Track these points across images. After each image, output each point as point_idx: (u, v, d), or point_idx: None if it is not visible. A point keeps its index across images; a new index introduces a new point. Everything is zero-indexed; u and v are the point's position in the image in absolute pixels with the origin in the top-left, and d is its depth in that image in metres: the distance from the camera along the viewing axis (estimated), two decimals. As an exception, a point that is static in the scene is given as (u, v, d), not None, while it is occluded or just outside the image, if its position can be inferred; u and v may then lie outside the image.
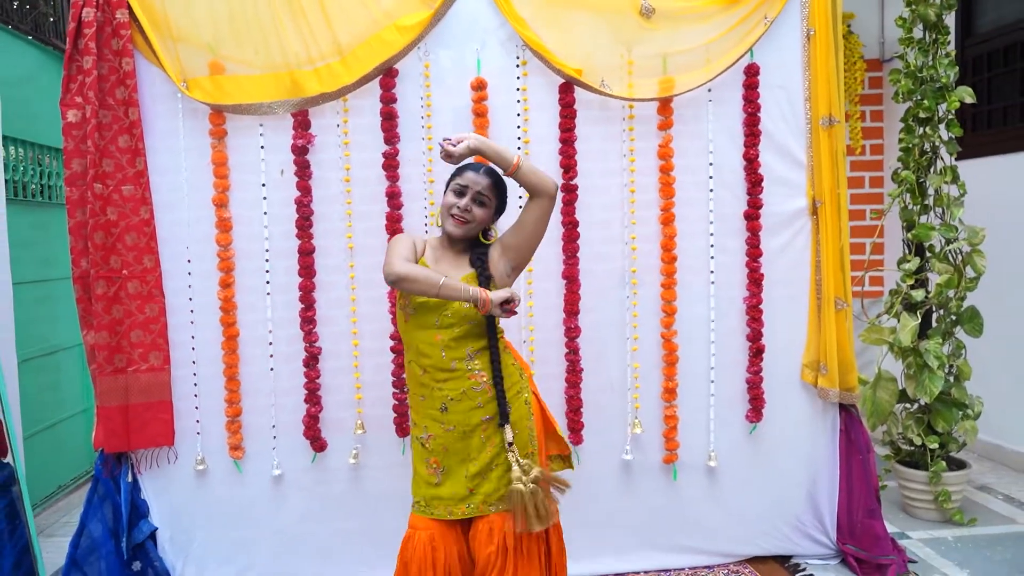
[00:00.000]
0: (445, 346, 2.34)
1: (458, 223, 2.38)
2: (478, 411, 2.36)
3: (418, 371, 2.39)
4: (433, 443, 2.38)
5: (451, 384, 2.35)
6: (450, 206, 2.38)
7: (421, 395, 2.40)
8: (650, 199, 3.16)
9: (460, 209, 2.37)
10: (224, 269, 3.05)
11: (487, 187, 2.39)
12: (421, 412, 2.42)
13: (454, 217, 2.38)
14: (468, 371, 2.36)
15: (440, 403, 2.36)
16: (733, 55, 3.09)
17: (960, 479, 3.69)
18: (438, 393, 2.36)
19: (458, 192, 2.39)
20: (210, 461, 3.12)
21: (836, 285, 3.17)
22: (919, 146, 3.67)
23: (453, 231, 2.39)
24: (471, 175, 2.39)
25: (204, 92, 2.98)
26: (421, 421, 2.42)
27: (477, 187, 2.38)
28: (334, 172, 3.08)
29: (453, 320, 2.35)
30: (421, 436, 2.41)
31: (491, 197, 2.41)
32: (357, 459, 3.15)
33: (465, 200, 2.37)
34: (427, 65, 3.06)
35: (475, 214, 2.38)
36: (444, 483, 2.38)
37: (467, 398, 2.36)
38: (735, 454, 3.25)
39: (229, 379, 3.08)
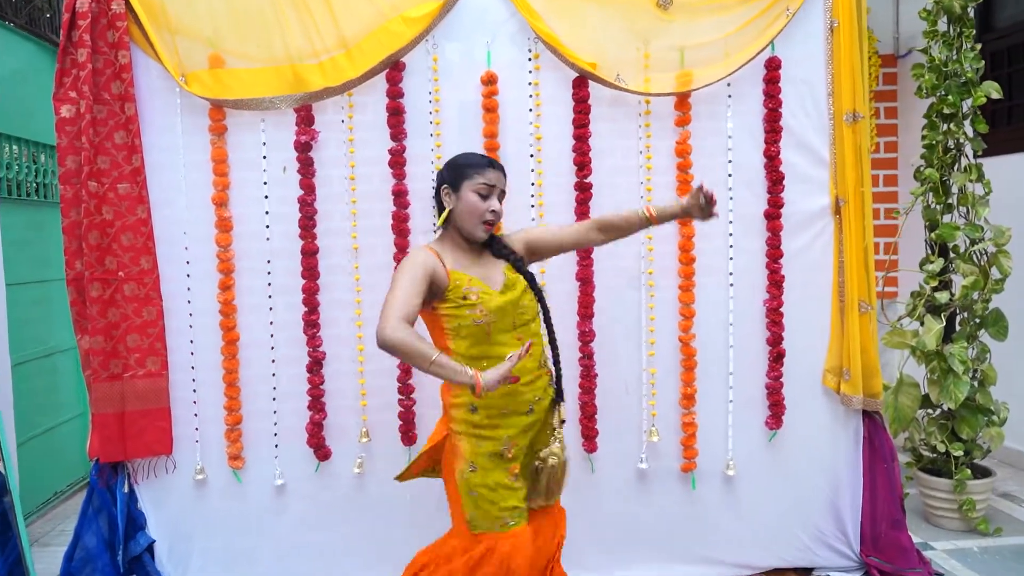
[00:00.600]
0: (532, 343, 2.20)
1: (488, 228, 2.27)
2: (552, 405, 2.37)
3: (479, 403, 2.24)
4: (516, 451, 2.27)
5: (538, 382, 2.29)
6: (481, 212, 2.23)
7: (503, 408, 2.23)
8: (667, 197, 3.03)
9: (494, 214, 2.25)
10: (224, 271, 2.94)
11: (505, 182, 2.33)
12: (502, 424, 2.24)
13: (487, 224, 2.25)
14: (544, 364, 2.34)
15: (528, 406, 2.27)
16: (753, 48, 2.97)
17: (985, 487, 3.58)
18: (526, 396, 2.26)
19: (484, 194, 2.25)
20: (209, 471, 3.01)
21: (860, 287, 3.05)
22: (943, 143, 3.55)
23: (482, 236, 2.27)
24: (493, 173, 2.27)
25: (203, 86, 2.87)
26: (501, 433, 2.24)
27: (501, 184, 2.29)
28: (338, 170, 2.97)
29: (528, 316, 2.28)
30: (500, 449, 2.24)
31: (505, 191, 2.34)
32: (362, 468, 3.04)
33: (495, 202, 2.26)
34: (435, 59, 2.95)
35: (500, 213, 2.29)
36: (522, 485, 2.31)
37: (545, 395, 2.33)
38: (754, 462, 3.14)
39: (229, 385, 2.97)
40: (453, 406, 2.28)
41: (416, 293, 2.10)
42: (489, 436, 2.24)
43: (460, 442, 2.26)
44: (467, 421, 2.25)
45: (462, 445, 2.26)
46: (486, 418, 2.24)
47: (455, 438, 2.28)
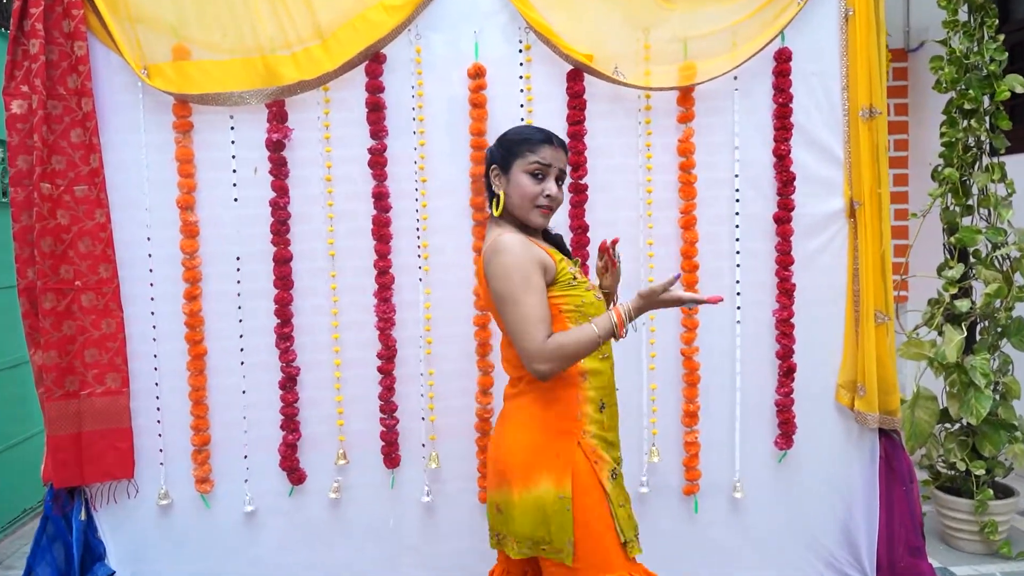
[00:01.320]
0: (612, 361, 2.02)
1: (546, 214, 1.96)
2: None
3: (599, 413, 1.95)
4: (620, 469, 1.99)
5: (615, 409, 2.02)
6: (533, 195, 1.92)
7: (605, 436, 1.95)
8: (668, 199, 2.84)
9: (550, 199, 1.95)
10: (190, 279, 2.73)
11: (565, 160, 1.99)
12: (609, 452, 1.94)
13: (541, 208, 1.94)
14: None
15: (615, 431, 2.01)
16: (762, 39, 2.76)
17: (1008, 508, 3.36)
18: (614, 421, 2.00)
19: (538, 174, 1.93)
20: (174, 495, 2.80)
21: (876, 296, 2.84)
22: (963, 140, 3.33)
23: (541, 223, 1.97)
24: (549, 150, 1.94)
25: (167, 80, 2.66)
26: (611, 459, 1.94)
27: (559, 164, 1.96)
28: (314, 170, 2.76)
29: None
30: (613, 470, 1.93)
31: (567, 172, 2.03)
32: (339, 492, 2.83)
33: (551, 184, 1.94)
34: (418, 50, 2.74)
35: (559, 198, 1.97)
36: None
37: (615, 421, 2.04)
38: (763, 484, 2.94)
39: (196, 403, 2.76)
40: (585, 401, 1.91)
41: (543, 297, 1.84)
42: (613, 440, 1.98)
43: (599, 449, 1.91)
44: (599, 422, 1.93)
45: (601, 451, 1.91)
46: (609, 417, 1.97)
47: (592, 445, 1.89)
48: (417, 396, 2.83)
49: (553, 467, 1.86)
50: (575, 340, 1.80)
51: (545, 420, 1.91)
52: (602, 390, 1.96)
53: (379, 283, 2.77)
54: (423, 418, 2.83)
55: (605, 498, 1.87)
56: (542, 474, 1.86)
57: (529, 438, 1.91)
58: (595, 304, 1.95)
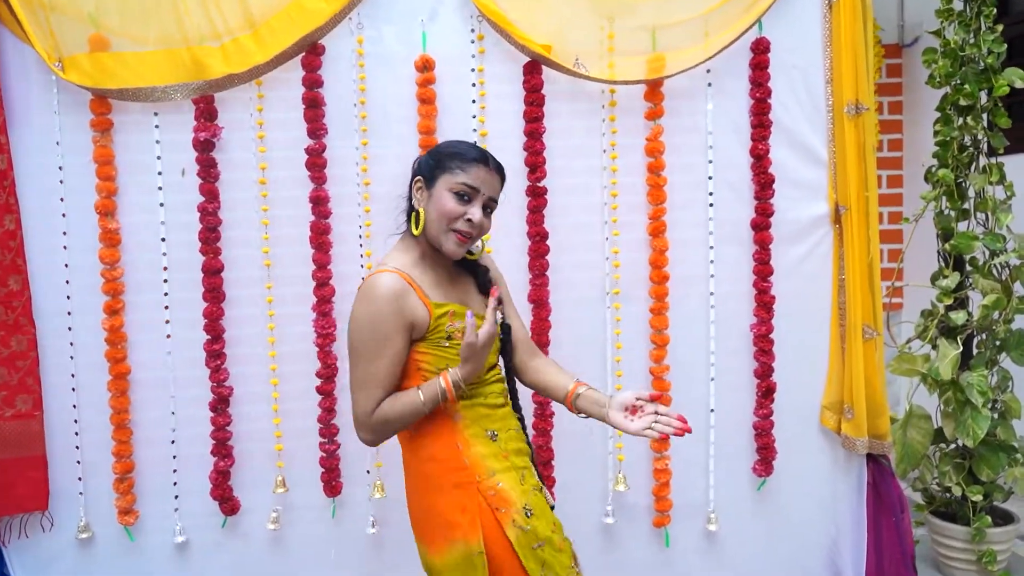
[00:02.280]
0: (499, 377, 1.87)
1: (462, 241, 1.73)
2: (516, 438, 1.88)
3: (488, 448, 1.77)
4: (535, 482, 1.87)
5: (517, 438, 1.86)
6: (452, 216, 1.71)
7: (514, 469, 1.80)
8: (636, 203, 2.64)
9: (471, 224, 1.72)
10: (110, 291, 2.50)
11: (499, 187, 1.78)
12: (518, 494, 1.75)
13: (458, 233, 1.72)
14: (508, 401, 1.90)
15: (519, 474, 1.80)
16: (737, 28, 2.57)
17: (1007, 536, 3.13)
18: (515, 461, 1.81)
19: (464, 196, 1.71)
20: (96, 528, 2.58)
21: (864, 309, 2.67)
22: (958, 139, 3.11)
23: (455, 251, 1.73)
24: (482, 171, 1.73)
25: (83, 73, 2.44)
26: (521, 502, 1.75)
27: (490, 190, 1.75)
28: (247, 173, 2.54)
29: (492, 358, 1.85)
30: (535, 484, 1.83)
31: (498, 201, 1.80)
32: (278, 523, 2.61)
33: (475, 210, 1.72)
34: (360, 41, 2.52)
35: (484, 228, 1.76)
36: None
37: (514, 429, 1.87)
38: (740, 514, 2.76)
39: (118, 427, 2.54)
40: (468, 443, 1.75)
41: (392, 363, 1.69)
42: (522, 464, 1.81)
43: (503, 487, 1.73)
44: (496, 455, 1.76)
45: (507, 489, 1.73)
46: (508, 440, 1.81)
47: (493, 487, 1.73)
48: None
49: (461, 524, 1.70)
50: (398, 414, 1.69)
51: (432, 478, 1.75)
52: (485, 418, 1.78)
53: (318, 295, 2.55)
54: (368, 443, 2.61)
55: (511, 548, 1.70)
56: (455, 533, 1.70)
57: (429, 501, 1.76)
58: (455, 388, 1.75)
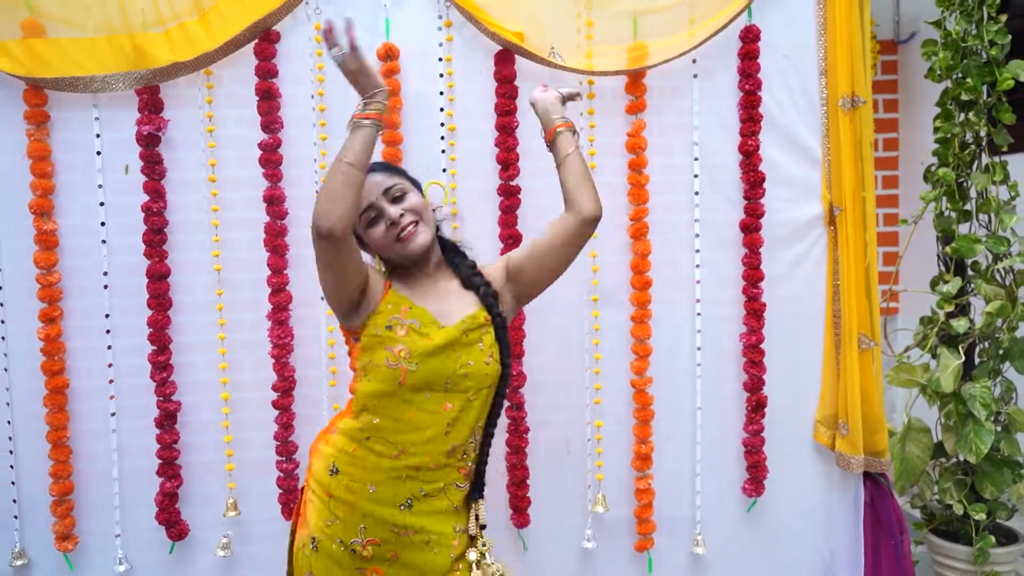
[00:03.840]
0: (454, 420, 1.71)
1: (408, 236, 1.72)
2: (452, 517, 1.77)
3: (386, 451, 1.70)
4: (376, 551, 1.71)
5: (434, 475, 1.73)
6: (382, 237, 1.73)
7: (373, 483, 1.71)
8: (616, 204, 2.48)
9: (394, 223, 1.71)
10: (47, 298, 2.34)
11: (384, 178, 1.75)
12: (361, 508, 1.71)
13: (401, 239, 1.72)
14: (462, 458, 1.76)
15: (405, 498, 1.71)
16: (725, 15, 2.43)
17: (1012, 556, 2.98)
18: (407, 485, 1.71)
19: (373, 219, 1.73)
20: (32, 554, 2.42)
21: (860, 317, 2.52)
22: (960, 136, 2.95)
23: (414, 248, 1.73)
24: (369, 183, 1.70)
25: (15, 62, 2.28)
26: (356, 520, 1.71)
27: (379, 189, 1.73)
28: (194, 171, 2.40)
29: (472, 383, 1.73)
30: (353, 540, 1.71)
31: (400, 181, 1.77)
32: (229, 550, 2.44)
33: (388, 209, 1.72)
34: (318, 27, 2.36)
35: (411, 207, 1.74)
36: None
37: (445, 495, 1.75)
38: (729, 537, 2.62)
39: (55, 445, 2.37)
40: (315, 453, 1.81)
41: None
42: (341, 516, 1.72)
43: (309, 506, 1.77)
44: (321, 483, 1.75)
45: (310, 511, 1.77)
46: (345, 488, 1.72)
47: (306, 496, 1.81)
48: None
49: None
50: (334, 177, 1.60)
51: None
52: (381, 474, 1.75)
53: (273, 302, 2.38)
54: (329, 461, 2.43)
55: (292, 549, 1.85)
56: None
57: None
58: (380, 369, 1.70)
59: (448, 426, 1.70)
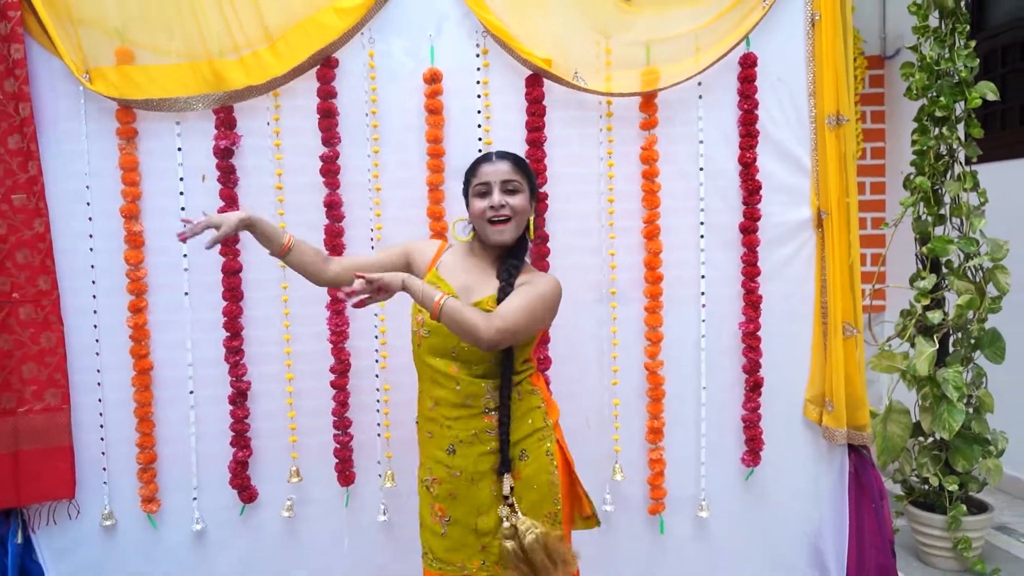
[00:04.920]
0: (460, 380, 2.01)
1: (500, 226, 2.00)
2: (489, 457, 2.03)
3: (428, 403, 2.07)
4: (438, 488, 2.06)
5: (462, 424, 2.02)
6: (481, 211, 2.01)
7: (429, 431, 2.07)
8: (631, 209, 2.76)
9: (495, 209, 1.99)
10: (135, 291, 2.63)
11: (510, 170, 2.03)
12: (427, 452, 2.10)
13: (493, 223, 2.00)
14: (484, 411, 2.02)
15: (448, 444, 2.04)
16: (727, 43, 2.70)
17: (982, 524, 3.29)
18: (447, 432, 2.03)
19: (482, 192, 2.02)
20: (119, 516, 2.70)
21: (844, 308, 2.78)
22: (934, 148, 3.27)
23: (500, 239, 2.02)
24: (486, 167, 2.04)
25: (110, 85, 2.57)
26: (427, 462, 2.10)
27: (500, 176, 2.01)
28: (263, 178, 2.67)
29: (472, 355, 1.99)
30: (426, 479, 2.10)
31: (520, 180, 2.03)
32: (292, 512, 2.73)
33: (496, 196, 2.00)
34: (372, 55, 2.66)
35: (513, 205, 2.00)
36: (450, 535, 2.05)
37: (479, 441, 2.02)
38: (730, 502, 2.87)
39: (141, 419, 2.66)
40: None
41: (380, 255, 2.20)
42: (421, 460, 2.13)
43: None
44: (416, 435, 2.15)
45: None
46: (421, 437, 2.13)
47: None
48: (372, 411, 2.74)
49: None
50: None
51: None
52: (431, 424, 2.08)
53: (331, 295, 2.67)
54: (379, 434, 2.74)
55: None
56: None
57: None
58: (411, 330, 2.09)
59: (456, 384, 2.00)
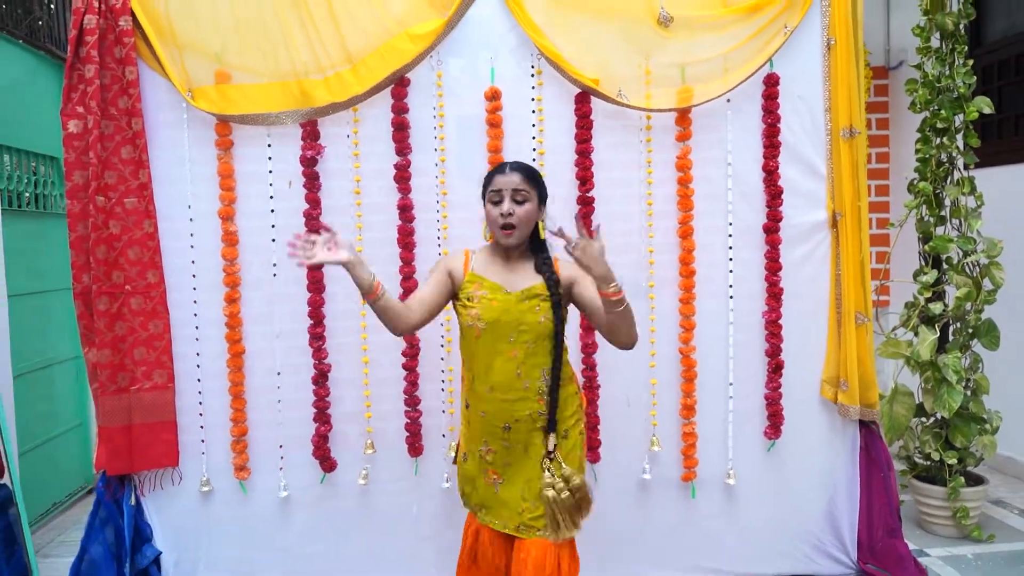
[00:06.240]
0: (521, 363, 2.26)
1: (508, 232, 2.27)
2: (538, 433, 2.31)
3: (483, 389, 2.30)
4: (494, 457, 2.34)
5: (521, 405, 2.28)
6: (494, 219, 2.28)
7: (483, 411, 2.32)
8: (668, 211, 3.08)
9: (504, 216, 2.26)
10: (230, 284, 2.96)
11: (520, 181, 2.27)
12: (483, 428, 2.33)
13: (502, 228, 2.28)
14: (539, 393, 2.29)
15: (504, 422, 2.29)
16: (753, 65, 3.02)
17: (978, 495, 3.63)
18: (505, 413, 2.29)
19: (495, 200, 2.28)
20: (215, 482, 3.03)
21: (856, 299, 3.10)
22: (936, 157, 3.61)
23: (507, 242, 2.29)
24: (500, 178, 2.29)
25: (210, 102, 2.90)
26: (482, 436, 2.34)
27: (511, 186, 2.27)
28: (343, 183, 3.00)
29: (529, 336, 2.25)
30: (480, 449, 2.35)
31: (529, 190, 2.28)
32: (367, 479, 3.06)
33: (505, 204, 2.26)
34: (439, 74, 2.98)
35: (519, 214, 2.26)
36: (502, 492, 2.33)
37: (532, 420, 2.30)
38: (753, 471, 3.18)
39: (235, 397, 3.00)
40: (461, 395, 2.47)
41: (431, 286, 2.33)
42: (472, 434, 2.38)
43: (462, 432, 2.46)
44: (463, 415, 2.43)
45: (462, 436, 2.45)
46: (472, 416, 2.37)
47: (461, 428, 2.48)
48: (438, 391, 3.06)
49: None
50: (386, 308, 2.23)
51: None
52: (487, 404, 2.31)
53: (404, 288, 2.99)
54: (443, 411, 3.06)
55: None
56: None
57: None
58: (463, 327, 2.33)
59: (518, 367, 2.24)
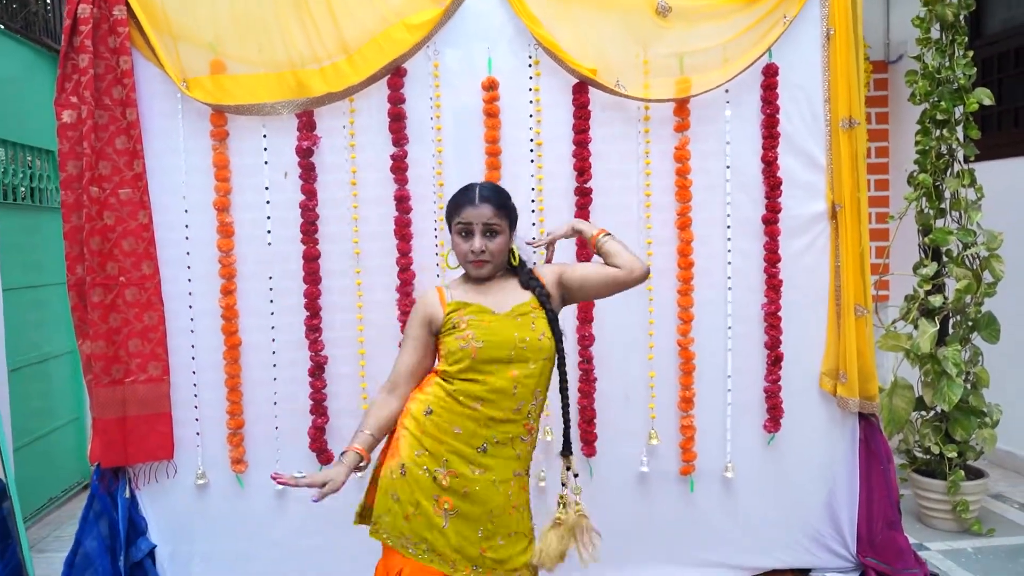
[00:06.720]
0: (518, 383, 2.09)
1: (479, 266, 2.14)
2: (514, 463, 2.14)
3: (468, 401, 2.08)
4: (453, 482, 2.07)
5: (505, 427, 2.10)
6: (463, 253, 2.14)
7: (457, 427, 2.08)
8: (666, 202, 3.06)
9: (475, 253, 2.12)
10: (225, 275, 2.95)
11: (492, 215, 2.12)
12: (447, 444, 2.08)
13: (471, 263, 2.15)
14: (527, 416, 2.13)
15: (482, 442, 2.09)
16: (751, 55, 3.00)
17: (978, 488, 3.62)
18: (484, 432, 2.09)
19: (464, 232, 2.14)
20: (211, 475, 3.01)
21: (856, 291, 3.08)
22: (936, 148, 3.60)
23: (479, 274, 2.16)
24: (469, 210, 2.12)
25: (205, 92, 2.88)
26: (442, 453, 2.08)
27: (482, 219, 2.12)
28: (340, 175, 2.98)
29: (530, 354, 2.10)
30: (436, 469, 2.07)
31: (500, 222, 2.14)
32: (364, 473, 3.03)
33: (476, 241, 2.12)
34: (436, 65, 2.96)
35: (492, 249, 2.13)
36: (450, 530, 2.07)
37: (512, 445, 2.13)
38: (753, 464, 3.16)
39: (231, 390, 2.98)
40: (412, 399, 2.17)
41: (409, 352, 2.19)
42: (430, 448, 2.09)
43: (402, 440, 2.12)
44: (417, 421, 2.11)
45: (402, 444, 2.12)
46: (436, 427, 2.09)
47: (399, 433, 2.14)
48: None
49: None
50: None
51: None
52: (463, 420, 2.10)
53: (400, 279, 2.97)
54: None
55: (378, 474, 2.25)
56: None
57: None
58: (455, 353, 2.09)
59: (515, 387, 2.07)
